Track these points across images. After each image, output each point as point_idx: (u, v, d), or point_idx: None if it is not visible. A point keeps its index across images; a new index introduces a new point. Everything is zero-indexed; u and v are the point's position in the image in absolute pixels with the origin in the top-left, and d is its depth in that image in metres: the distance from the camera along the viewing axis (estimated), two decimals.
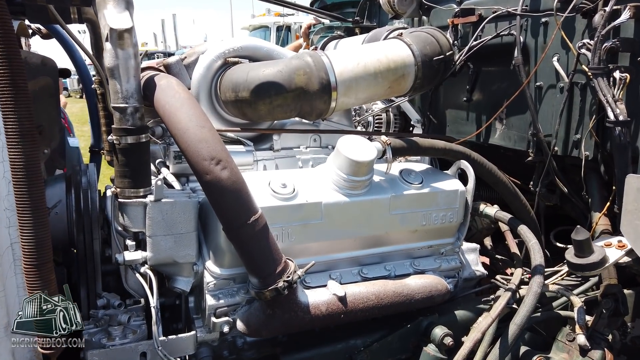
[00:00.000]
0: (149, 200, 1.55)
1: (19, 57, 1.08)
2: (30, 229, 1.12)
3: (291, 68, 1.83)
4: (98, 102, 2.19)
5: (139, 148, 1.53)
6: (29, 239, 1.12)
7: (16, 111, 1.06)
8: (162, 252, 1.60)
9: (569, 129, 2.01)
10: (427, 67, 2.04)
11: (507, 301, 1.81)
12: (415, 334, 1.80)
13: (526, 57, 2.14)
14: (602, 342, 1.81)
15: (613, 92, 1.74)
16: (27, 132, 1.08)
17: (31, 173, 1.10)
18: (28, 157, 1.09)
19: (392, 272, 1.85)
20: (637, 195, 1.66)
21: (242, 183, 1.47)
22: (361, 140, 1.77)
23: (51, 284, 1.17)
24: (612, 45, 1.75)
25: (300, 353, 1.69)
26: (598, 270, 1.70)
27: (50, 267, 1.16)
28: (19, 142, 1.07)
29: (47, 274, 1.16)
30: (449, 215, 1.89)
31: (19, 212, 1.11)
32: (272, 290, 1.49)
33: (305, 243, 1.70)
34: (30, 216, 1.11)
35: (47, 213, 1.16)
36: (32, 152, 1.10)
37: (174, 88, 1.55)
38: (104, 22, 1.44)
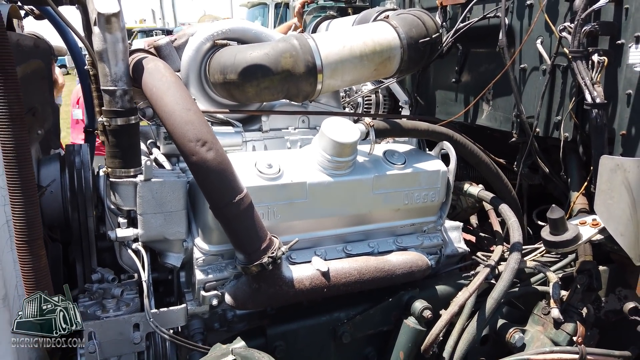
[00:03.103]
0: (139, 180, 1.62)
1: (7, 44, 1.13)
2: (20, 207, 1.18)
3: (278, 51, 1.87)
4: (91, 83, 2.23)
5: (128, 129, 1.58)
6: (19, 216, 1.19)
7: (5, 96, 1.12)
8: (153, 230, 1.67)
9: (551, 110, 2.07)
10: (413, 49, 2.08)
11: (485, 276, 1.90)
12: (396, 308, 1.88)
13: (511, 39, 2.17)
14: (575, 315, 1.89)
15: (591, 75, 1.79)
16: (17, 116, 1.14)
17: (21, 155, 1.16)
18: (18, 139, 1.15)
19: (375, 249, 1.92)
20: (610, 176, 1.72)
21: (227, 163, 1.53)
22: (345, 122, 1.82)
23: (41, 259, 1.24)
24: (592, 28, 1.78)
25: (286, 325, 1.77)
26: (571, 247, 1.78)
27: (40, 243, 1.23)
28: (8, 126, 1.13)
29: (37, 250, 1.23)
30: (431, 195, 1.95)
31: (10, 191, 1.17)
32: (258, 265, 1.57)
33: (290, 221, 1.76)
34: (20, 195, 1.18)
35: (36, 192, 1.22)
36: (22, 135, 1.16)
37: (161, 71, 1.60)
38: (92, 6, 1.48)
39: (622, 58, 1.77)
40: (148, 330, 1.67)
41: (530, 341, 1.91)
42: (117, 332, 1.63)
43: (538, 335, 1.92)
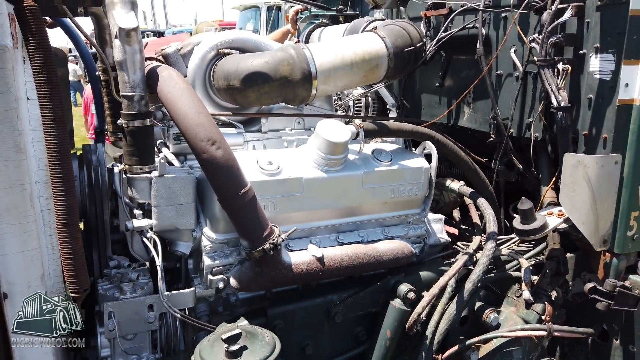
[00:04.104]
0: (154, 175, 1.81)
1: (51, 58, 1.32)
2: (62, 197, 1.37)
3: (276, 59, 2.07)
4: (102, 88, 2.41)
5: (144, 130, 1.77)
6: (61, 205, 1.37)
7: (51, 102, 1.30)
8: (166, 220, 1.86)
9: (523, 113, 2.28)
10: (399, 57, 2.29)
11: (464, 262, 2.10)
12: (384, 291, 2.08)
13: (488, 48, 2.39)
14: (544, 297, 2.10)
15: (557, 82, 2.00)
16: (59, 119, 1.33)
17: (63, 152, 1.35)
18: (60, 139, 1.34)
19: (365, 238, 2.12)
20: (573, 171, 1.94)
21: (234, 160, 1.72)
22: (337, 123, 2.02)
23: (78, 241, 1.43)
24: (557, 40, 2.00)
25: (285, 306, 1.97)
26: (539, 234, 2.00)
27: (77, 227, 1.42)
28: (53, 127, 1.32)
29: (75, 233, 1.41)
30: (414, 189, 2.16)
31: (53, 183, 1.36)
32: (260, 251, 1.76)
33: (288, 212, 1.96)
34: (62, 187, 1.36)
35: (74, 184, 1.41)
36: (64, 135, 1.35)
37: (174, 79, 1.79)
38: (113, 21, 1.67)
39: (584, 66, 1.99)
40: (161, 311, 1.86)
41: (504, 321, 2.12)
42: (133, 312, 1.81)
43: (511, 315, 2.13)
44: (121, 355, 1.84)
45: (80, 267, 1.45)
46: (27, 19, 1.31)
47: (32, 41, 1.32)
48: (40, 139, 1.44)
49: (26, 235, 1.36)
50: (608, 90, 1.90)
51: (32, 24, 1.32)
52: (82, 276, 1.47)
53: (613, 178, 1.91)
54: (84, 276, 1.48)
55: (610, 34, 1.87)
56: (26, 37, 1.33)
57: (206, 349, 1.63)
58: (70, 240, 1.40)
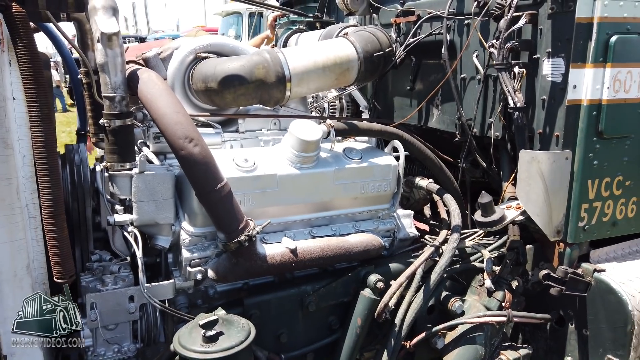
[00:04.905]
0: (134, 172, 1.90)
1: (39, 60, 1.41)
2: (49, 189, 1.46)
3: (252, 63, 2.19)
4: (84, 90, 2.49)
5: (125, 129, 1.87)
6: (48, 196, 1.47)
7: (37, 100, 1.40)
8: (146, 215, 1.95)
9: (485, 113, 2.43)
10: (369, 61, 2.42)
11: (430, 254, 2.23)
12: (355, 281, 2.20)
13: (453, 53, 2.54)
14: (505, 285, 2.25)
15: (513, 84, 2.16)
16: (46, 116, 1.42)
17: (49, 147, 1.44)
18: (47, 135, 1.43)
19: (337, 232, 2.24)
20: (528, 167, 2.09)
21: (210, 157, 1.83)
22: (310, 123, 2.15)
23: (64, 231, 1.52)
24: (513, 45, 2.15)
25: (261, 296, 2.08)
26: (498, 226, 2.14)
27: (63, 217, 1.51)
28: (40, 124, 1.41)
29: (61, 223, 1.50)
30: (383, 185, 2.29)
31: (40, 176, 1.45)
32: (236, 242, 1.87)
33: (263, 207, 2.07)
34: (49, 180, 1.46)
35: (60, 178, 1.50)
36: (51, 131, 1.44)
37: (154, 80, 1.89)
38: (95, 26, 1.77)
39: (538, 70, 2.14)
40: (142, 302, 1.95)
41: (468, 308, 2.26)
42: (115, 303, 1.90)
43: (475, 303, 2.27)
44: (103, 344, 1.92)
45: (66, 255, 1.54)
46: (15, 25, 1.41)
47: (21, 45, 1.41)
48: (25, 136, 1.53)
49: (13, 226, 1.44)
50: (559, 91, 2.06)
51: (20, 28, 1.42)
52: (67, 263, 1.56)
53: (564, 173, 2.06)
54: (69, 263, 1.57)
55: (560, 40, 2.03)
56: (15, 41, 1.43)
57: (184, 336, 1.73)
58: (57, 230, 1.49)
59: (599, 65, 1.99)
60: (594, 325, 2.13)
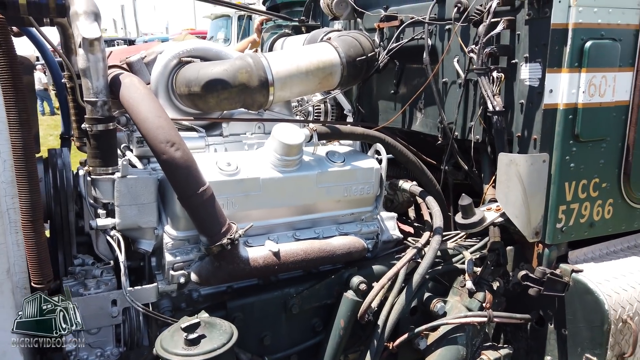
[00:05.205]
0: (117, 176, 1.91)
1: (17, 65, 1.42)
2: (27, 194, 1.47)
3: (235, 67, 2.21)
4: (68, 95, 2.49)
5: (107, 134, 1.88)
6: (26, 201, 1.47)
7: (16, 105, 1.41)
8: (128, 219, 1.96)
9: (466, 117, 2.47)
10: (351, 66, 2.45)
11: (412, 256, 2.26)
12: (338, 284, 2.23)
13: (434, 57, 2.57)
14: (486, 286, 2.28)
15: (492, 88, 2.19)
16: (24, 121, 1.43)
17: (27, 152, 1.45)
18: (25, 140, 1.44)
19: (320, 234, 2.26)
20: (506, 169, 2.13)
21: (192, 161, 1.84)
22: (292, 127, 2.17)
23: (42, 235, 1.53)
24: (491, 50, 2.19)
25: (244, 299, 2.09)
26: (478, 228, 2.18)
27: (41, 222, 1.52)
28: (18, 129, 1.42)
29: (39, 227, 1.51)
30: (366, 188, 2.32)
31: (18, 180, 1.46)
32: (218, 246, 1.88)
33: (247, 211, 2.09)
34: (27, 184, 1.46)
35: (38, 182, 1.50)
36: (28, 136, 1.45)
37: (136, 85, 1.91)
38: (77, 31, 1.78)
39: (516, 74, 2.18)
40: (124, 306, 1.95)
41: (450, 309, 2.29)
42: (97, 307, 1.90)
43: (456, 304, 2.30)
44: (85, 349, 1.92)
45: (44, 260, 1.54)
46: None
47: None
48: (5, 141, 1.53)
49: None
50: (536, 95, 2.10)
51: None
52: (45, 268, 1.56)
53: (542, 175, 2.10)
54: (47, 268, 1.58)
55: (537, 45, 2.07)
56: None
57: (166, 339, 1.74)
58: (34, 235, 1.50)
59: (574, 70, 2.03)
60: (572, 325, 2.17)
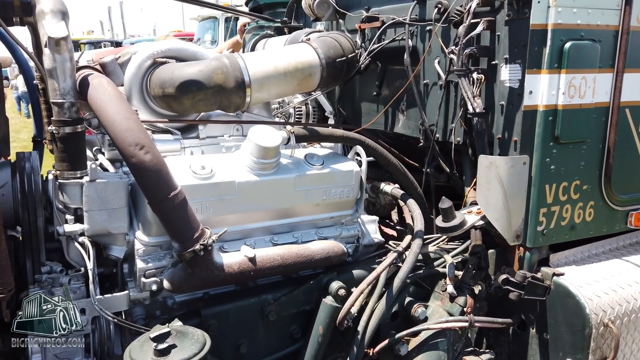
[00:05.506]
0: (85, 181, 1.85)
1: None
2: None
3: (210, 68, 2.15)
4: (40, 96, 2.42)
5: (75, 137, 1.81)
6: None
7: None
8: (98, 224, 1.89)
9: (447, 119, 2.44)
10: (331, 67, 2.41)
11: (392, 260, 2.22)
12: (317, 289, 2.18)
13: (416, 59, 2.54)
14: (467, 290, 2.24)
15: (472, 90, 2.16)
16: None
17: None
18: None
19: (299, 239, 2.21)
20: (486, 172, 2.10)
21: (162, 164, 1.79)
22: (269, 129, 2.12)
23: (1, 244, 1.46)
24: (471, 51, 2.16)
25: (219, 306, 2.03)
26: (458, 231, 2.14)
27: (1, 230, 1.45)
28: None
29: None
30: (346, 191, 2.27)
31: None
32: (191, 252, 1.82)
33: (221, 215, 2.03)
34: None
35: None
36: None
37: (104, 86, 1.85)
38: (43, 31, 1.71)
39: (496, 75, 2.15)
40: (93, 315, 1.88)
41: (431, 314, 2.25)
42: None
43: (437, 308, 2.26)
44: None
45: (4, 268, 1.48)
46: None
47: None
48: None
49: None
50: (516, 97, 2.07)
51: None
52: (6, 277, 1.49)
53: (522, 177, 2.07)
54: (7, 277, 1.51)
55: (517, 46, 2.05)
56: None
57: (135, 349, 1.68)
58: None
59: (554, 71, 2.00)
60: (554, 329, 2.14)
